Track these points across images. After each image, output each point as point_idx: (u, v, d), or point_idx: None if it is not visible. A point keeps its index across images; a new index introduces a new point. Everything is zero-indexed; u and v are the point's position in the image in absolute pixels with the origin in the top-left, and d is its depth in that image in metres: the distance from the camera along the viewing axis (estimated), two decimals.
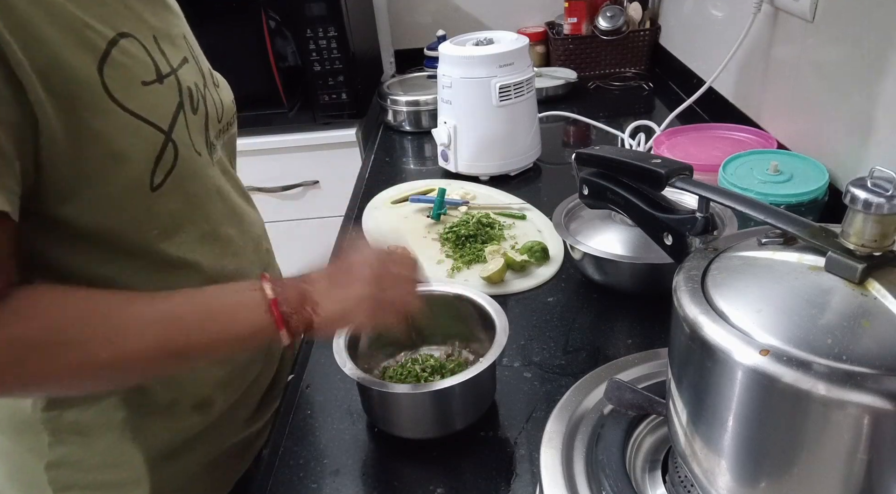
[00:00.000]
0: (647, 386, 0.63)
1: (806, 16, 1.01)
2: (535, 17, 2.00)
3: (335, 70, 1.58)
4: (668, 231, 0.59)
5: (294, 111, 1.62)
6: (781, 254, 0.47)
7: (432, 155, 1.47)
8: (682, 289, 0.47)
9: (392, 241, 0.68)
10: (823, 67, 1.00)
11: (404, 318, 0.64)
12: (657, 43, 1.85)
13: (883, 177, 0.40)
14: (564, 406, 0.64)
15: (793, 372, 0.38)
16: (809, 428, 0.40)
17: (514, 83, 1.22)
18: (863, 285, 0.41)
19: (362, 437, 0.72)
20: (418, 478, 0.66)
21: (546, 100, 1.66)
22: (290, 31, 1.53)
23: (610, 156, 0.65)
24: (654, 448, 0.61)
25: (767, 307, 0.42)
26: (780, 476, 0.44)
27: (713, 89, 1.36)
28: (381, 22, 2.00)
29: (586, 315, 0.89)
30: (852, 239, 0.42)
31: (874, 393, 0.37)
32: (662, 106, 1.62)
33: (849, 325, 0.39)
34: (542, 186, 1.28)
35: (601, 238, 0.90)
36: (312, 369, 0.83)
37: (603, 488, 0.55)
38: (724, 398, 0.43)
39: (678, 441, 0.51)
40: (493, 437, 0.71)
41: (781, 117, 1.16)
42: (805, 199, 0.90)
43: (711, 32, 1.46)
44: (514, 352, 0.82)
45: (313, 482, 0.67)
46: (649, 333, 0.84)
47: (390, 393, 0.67)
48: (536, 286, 0.95)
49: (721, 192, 0.54)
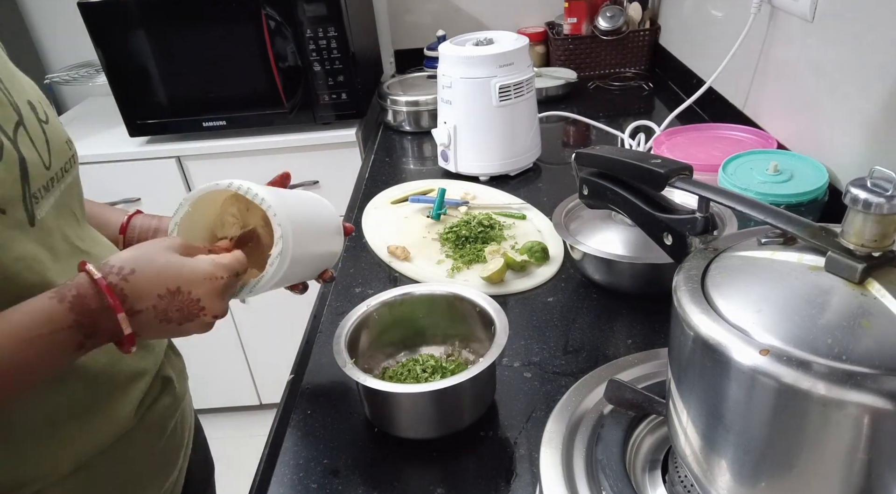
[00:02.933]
0: (647, 386, 0.63)
1: (806, 16, 1.01)
2: (535, 17, 2.00)
3: (335, 70, 1.58)
4: (668, 231, 0.59)
5: (294, 111, 1.62)
6: (781, 254, 0.47)
7: (432, 155, 1.47)
8: (682, 289, 0.47)
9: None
10: (823, 67, 1.00)
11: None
12: (657, 43, 1.85)
13: (883, 177, 0.40)
14: (564, 406, 0.64)
15: (793, 371, 0.38)
16: (809, 428, 0.40)
17: (514, 83, 1.22)
18: (863, 285, 0.41)
19: (362, 437, 0.72)
20: (418, 478, 0.66)
21: (546, 101, 1.66)
22: (290, 31, 1.53)
23: (610, 156, 0.65)
24: (654, 448, 0.61)
25: (767, 307, 0.43)
26: (779, 475, 0.44)
27: (713, 89, 1.36)
28: (381, 22, 2.00)
29: (586, 315, 0.89)
30: (852, 239, 0.42)
31: (874, 393, 0.37)
32: (662, 106, 1.62)
33: (849, 325, 0.39)
34: (542, 186, 1.28)
35: (601, 238, 0.90)
36: (312, 369, 0.83)
37: (603, 488, 0.55)
38: (724, 398, 0.43)
39: (678, 441, 0.51)
40: (493, 437, 0.71)
41: (781, 117, 1.16)
42: (805, 199, 0.90)
43: (711, 32, 1.46)
44: (514, 352, 0.82)
45: (313, 482, 0.67)
46: (649, 333, 0.84)
47: (390, 393, 0.67)
48: (536, 286, 0.95)
49: (721, 192, 0.54)
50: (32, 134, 0.57)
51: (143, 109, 1.65)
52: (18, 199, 0.53)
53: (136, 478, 0.68)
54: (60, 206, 0.61)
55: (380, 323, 0.77)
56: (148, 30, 1.55)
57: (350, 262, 1.06)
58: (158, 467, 0.71)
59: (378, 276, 1.02)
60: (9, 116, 0.55)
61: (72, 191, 0.63)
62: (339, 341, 0.71)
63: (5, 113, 0.55)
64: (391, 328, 0.78)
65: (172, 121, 1.66)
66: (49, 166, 0.58)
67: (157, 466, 0.71)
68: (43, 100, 0.61)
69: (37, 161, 0.56)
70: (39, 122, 0.58)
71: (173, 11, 1.52)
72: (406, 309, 0.79)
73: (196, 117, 1.65)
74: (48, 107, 0.62)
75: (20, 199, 0.54)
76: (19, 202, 0.53)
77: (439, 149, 1.31)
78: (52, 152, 0.59)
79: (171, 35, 1.56)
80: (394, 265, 1.03)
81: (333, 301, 0.96)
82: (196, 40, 1.56)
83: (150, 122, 1.67)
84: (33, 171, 0.55)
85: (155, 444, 0.70)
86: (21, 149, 0.54)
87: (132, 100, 1.64)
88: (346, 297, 0.96)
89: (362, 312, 0.76)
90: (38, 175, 0.56)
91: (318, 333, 0.90)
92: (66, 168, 0.62)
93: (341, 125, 1.67)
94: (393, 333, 0.79)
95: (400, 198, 1.24)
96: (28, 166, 0.54)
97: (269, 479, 0.68)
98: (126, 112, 1.65)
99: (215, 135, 1.68)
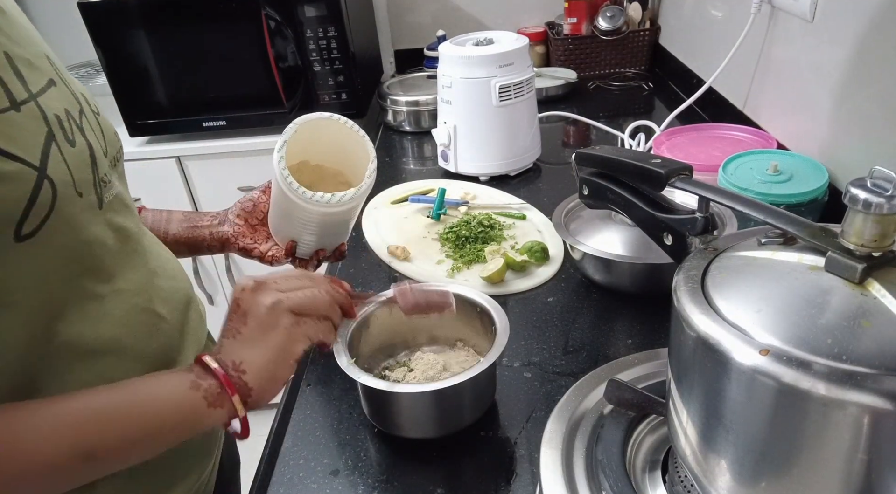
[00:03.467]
0: (647, 386, 0.63)
1: (805, 16, 1.01)
2: (535, 17, 2.00)
3: (335, 70, 1.58)
4: (668, 231, 0.59)
5: (294, 111, 1.62)
6: (781, 254, 0.47)
7: (432, 155, 1.47)
8: (682, 289, 0.47)
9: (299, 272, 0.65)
10: (823, 67, 1.00)
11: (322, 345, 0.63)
12: (657, 43, 1.85)
13: (883, 176, 0.40)
14: (564, 406, 0.64)
15: (793, 371, 0.38)
16: (809, 428, 0.40)
17: (514, 83, 1.22)
18: (863, 285, 0.41)
19: (362, 437, 0.72)
20: (418, 478, 0.66)
21: (546, 101, 1.66)
22: (290, 31, 1.53)
23: (610, 156, 0.65)
24: (654, 448, 0.61)
25: (767, 307, 0.42)
26: (780, 476, 0.44)
27: (713, 89, 1.37)
28: (381, 22, 2.00)
29: (586, 315, 0.89)
30: (852, 239, 0.42)
31: (874, 393, 0.37)
32: (662, 106, 1.62)
33: (849, 325, 0.39)
34: (542, 186, 1.28)
35: (601, 238, 0.90)
36: (312, 369, 0.83)
37: (603, 488, 0.55)
38: (723, 398, 0.43)
39: (678, 441, 0.51)
40: (493, 437, 0.71)
41: (781, 117, 1.16)
42: (805, 199, 0.90)
43: (711, 32, 1.47)
44: (514, 352, 0.82)
45: (313, 482, 0.67)
46: (649, 333, 0.84)
47: (390, 393, 0.67)
48: (536, 286, 0.95)
49: (721, 192, 0.54)
50: (91, 123, 0.59)
51: (143, 109, 1.65)
52: (91, 183, 0.56)
53: (179, 465, 0.68)
54: (120, 194, 0.64)
55: (380, 323, 0.77)
56: (148, 30, 1.55)
57: (350, 262, 1.06)
58: (199, 454, 0.72)
59: (378, 276, 1.02)
60: (73, 106, 0.57)
61: (123, 181, 0.66)
62: (340, 341, 0.71)
63: (71, 103, 0.57)
64: (391, 328, 0.79)
65: (172, 121, 1.66)
66: (106, 154, 0.61)
67: (199, 453, 0.72)
68: (89, 95, 0.64)
69: (99, 148, 0.59)
70: (94, 113, 0.61)
71: (173, 11, 1.52)
72: None
73: (196, 117, 1.65)
74: (94, 101, 0.65)
75: (92, 184, 0.56)
76: (91, 186, 0.56)
77: (439, 149, 1.31)
78: (107, 142, 0.62)
79: (170, 35, 1.56)
80: (394, 265, 1.03)
81: None
82: (196, 40, 1.56)
83: (150, 122, 1.67)
84: (99, 158, 0.58)
85: None
86: (87, 136, 0.57)
87: (132, 100, 1.64)
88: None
89: (362, 312, 0.76)
90: (102, 162, 0.59)
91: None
92: (118, 157, 0.65)
93: None
94: (393, 333, 0.79)
95: (400, 198, 1.24)
96: (94, 152, 0.57)
97: (269, 479, 0.68)
98: (126, 112, 1.65)
99: (215, 135, 1.68)
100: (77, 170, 0.54)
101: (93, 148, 0.57)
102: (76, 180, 0.53)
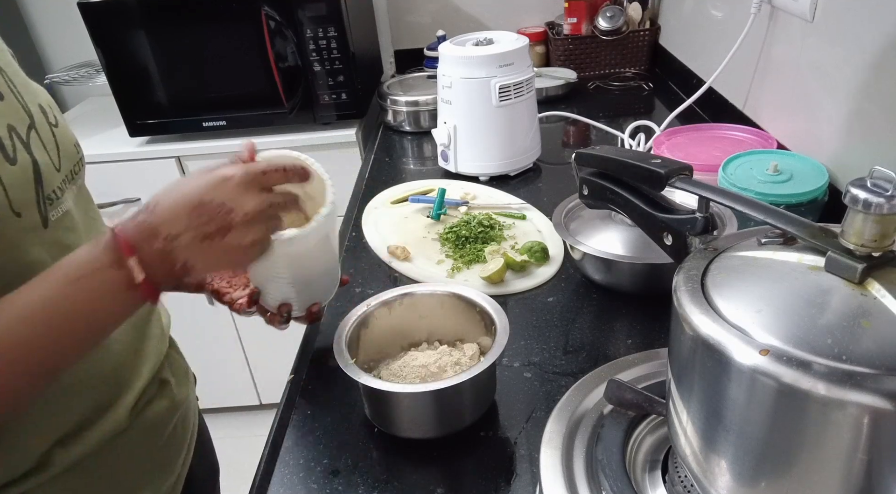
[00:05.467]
0: (647, 386, 0.63)
1: (805, 16, 1.01)
2: (535, 17, 2.00)
3: (335, 70, 1.58)
4: (668, 231, 0.59)
5: (294, 111, 1.62)
6: (781, 254, 0.47)
7: (432, 155, 1.47)
8: (682, 289, 0.47)
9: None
10: (823, 67, 1.00)
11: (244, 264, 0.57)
12: (657, 43, 1.85)
13: (883, 177, 0.40)
14: (564, 406, 0.64)
15: (793, 371, 0.38)
16: (809, 428, 0.40)
17: (514, 83, 1.22)
18: (863, 285, 0.41)
19: (362, 437, 0.72)
20: (418, 478, 0.66)
21: (546, 101, 1.66)
22: (290, 31, 1.53)
23: (610, 156, 0.65)
24: (654, 448, 0.61)
25: (767, 307, 0.42)
26: (780, 476, 0.44)
27: (713, 89, 1.36)
28: (381, 22, 2.00)
29: (586, 315, 0.89)
30: (852, 239, 0.42)
31: (874, 393, 0.37)
32: (662, 106, 1.62)
33: (849, 325, 0.39)
34: (542, 186, 1.28)
35: (601, 238, 0.90)
36: (312, 369, 0.83)
37: (603, 488, 0.55)
38: (723, 398, 0.43)
39: (678, 441, 0.51)
40: (493, 437, 0.71)
41: (781, 117, 1.16)
42: (805, 199, 0.90)
43: (711, 32, 1.46)
44: (514, 352, 0.82)
45: (313, 482, 0.67)
46: (649, 333, 0.84)
47: (390, 393, 0.67)
48: (536, 286, 0.95)
49: (721, 192, 0.54)
50: (44, 137, 0.58)
51: (143, 109, 1.65)
52: (33, 202, 0.55)
53: (129, 480, 0.67)
54: (77, 207, 0.62)
55: (380, 323, 0.77)
56: (148, 30, 1.54)
57: (350, 262, 1.06)
58: (154, 469, 0.71)
59: (378, 276, 1.02)
60: (22, 120, 0.56)
61: (82, 193, 0.65)
62: (340, 341, 0.71)
63: (19, 117, 0.56)
64: (391, 328, 0.79)
65: (172, 121, 1.66)
66: (59, 169, 0.59)
67: (153, 468, 0.71)
68: (53, 105, 0.62)
69: (48, 164, 0.57)
70: (49, 126, 0.60)
71: (173, 11, 1.52)
72: (406, 309, 0.79)
73: (196, 117, 1.65)
74: (58, 112, 0.63)
75: (34, 202, 0.55)
76: (33, 205, 0.55)
77: (439, 149, 1.31)
78: (61, 155, 0.60)
79: (171, 35, 1.56)
80: (394, 265, 1.03)
81: (333, 301, 0.96)
82: (196, 40, 1.56)
83: (150, 122, 1.67)
84: (46, 174, 0.56)
85: (150, 447, 0.70)
86: (34, 152, 0.55)
87: (132, 100, 1.64)
88: (346, 297, 0.96)
89: (362, 312, 0.76)
90: (51, 178, 0.57)
91: (317, 333, 0.90)
92: (76, 171, 0.63)
93: (341, 125, 1.66)
94: (393, 333, 0.79)
95: (400, 198, 1.24)
96: (41, 169, 0.56)
97: (269, 479, 0.68)
98: (126, 112, 1.65)
99: (215, 135, 1.68)
100: (15, 189, 0.52)
101: (38, 164, 0.55)
102: (13, 200, 0.52)
